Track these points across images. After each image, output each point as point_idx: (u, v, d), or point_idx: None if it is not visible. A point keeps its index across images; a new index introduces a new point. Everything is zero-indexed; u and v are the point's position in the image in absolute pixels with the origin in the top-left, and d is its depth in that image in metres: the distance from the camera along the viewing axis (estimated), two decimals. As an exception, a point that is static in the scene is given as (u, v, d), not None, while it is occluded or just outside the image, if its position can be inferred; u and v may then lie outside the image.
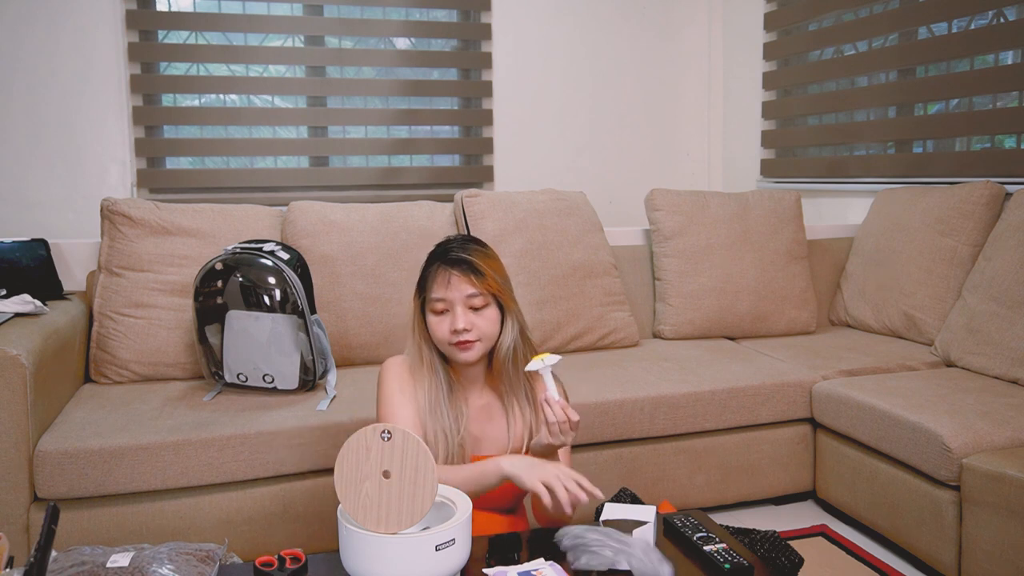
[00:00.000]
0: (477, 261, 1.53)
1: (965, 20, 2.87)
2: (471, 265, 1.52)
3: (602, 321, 2.74)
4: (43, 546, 1.09)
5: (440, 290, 1.53)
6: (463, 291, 1.51)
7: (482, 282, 1.52)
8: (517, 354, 1.59)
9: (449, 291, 1.52)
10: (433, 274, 1.54)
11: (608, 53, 3.95)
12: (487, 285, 1.52)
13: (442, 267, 1.53)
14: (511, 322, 1.58)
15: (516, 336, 1.58)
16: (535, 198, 2.81)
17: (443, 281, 1.52)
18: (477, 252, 1.56)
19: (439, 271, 1.53)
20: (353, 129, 3.68)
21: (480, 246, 1.59)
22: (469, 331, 1.51)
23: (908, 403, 2.11)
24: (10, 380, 1.82)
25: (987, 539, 1.82)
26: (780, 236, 2.96)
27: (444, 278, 1.52)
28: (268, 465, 2.00)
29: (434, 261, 1.56)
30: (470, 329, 1.51)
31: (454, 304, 1.52)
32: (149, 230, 2.43)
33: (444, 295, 1.52)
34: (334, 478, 1.22)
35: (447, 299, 1.52)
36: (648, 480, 2.33)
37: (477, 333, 1.52)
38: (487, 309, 1.54)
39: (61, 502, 1.86)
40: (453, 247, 1.56)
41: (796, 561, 1.55)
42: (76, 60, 3.25)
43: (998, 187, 2.63)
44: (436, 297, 1.53)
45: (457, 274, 1.51)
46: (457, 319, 1.51)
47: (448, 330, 1.52)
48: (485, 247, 1.60)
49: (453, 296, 1.52)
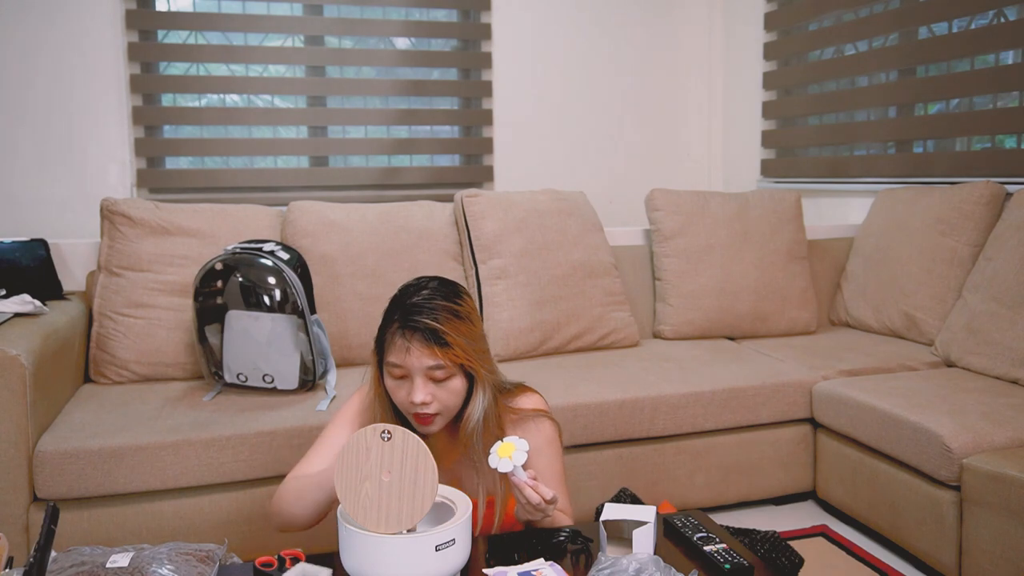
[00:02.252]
0: (442, 328, 1.35)
1: (965, 20, 2.87)
2: (435, 333, 1.34)
3: (602, 321, 2.73)
4: (43, 546, 1.09)
5: (399, 356, 1.36)
6: (423, 362, 1.35)
7: (445, 353, 1.35)
8: (488, 424, 1.43)
9: (408, 359, 1.35)
10: (391, 337, 1.37)
11: (608, 53, 3.95)
12: (452, 356, 1.35)
13: (400, 333, 1.36)
14: (481, 393, 1.42)
15: (487, 406, 1.43)
16: (535, 198, 2.81)
17: (402, 348, 1.35)
18: (444, 314, 1.36)
19: (398, 335, 1.36)
20: (353, 129, 3.68)
21: (452, 301, 1.39)
22: (428, 404, 1.37)
23: (908, 403, 2.11)
24: (10, 380, 1.82)
25: (987, 539, 1.82)
26: (780, 236, 2.96)
27: (403, 345, 1.35)
28: (268, 465, 2.00)
29: (393, 318, 1.38)
30: (429, 402, 1.37)
31: (413, 374, 1.36)
32: (149, 230, 2.43)
33: (402, 363, 1.36)
34: (334, 478, 1.22)
35: (405, 367, 1.36)
36: (648, 480, 2.33)
37: (438, 406, 1.38)
38: (451, 381, 1.38)
39: (61, 502, 1.86)
40: (417, 305, 1.37)
41: (796, 561, 1.55)
42: (76, 60, 3.25)
43: (998, 187, 2.63)
44: (393, 363, 1.37)
45: (417, 344, 1.34)
46: (416, 391, 1.36)
47: (406, 399, 1.38)
48: (458, 302, 1.40)
49: (411, 365, 1.35)
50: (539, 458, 1.50)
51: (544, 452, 1.51)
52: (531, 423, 1.51)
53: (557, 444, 1.54)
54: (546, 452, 1.52)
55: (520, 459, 1.31)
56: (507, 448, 1.32)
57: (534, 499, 1.32)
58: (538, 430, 1.51)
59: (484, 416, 1.43)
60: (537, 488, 1.32)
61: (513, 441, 1.33)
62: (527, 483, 1.32)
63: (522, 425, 1.51)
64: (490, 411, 1.44)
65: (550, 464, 1.52)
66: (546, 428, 1.53)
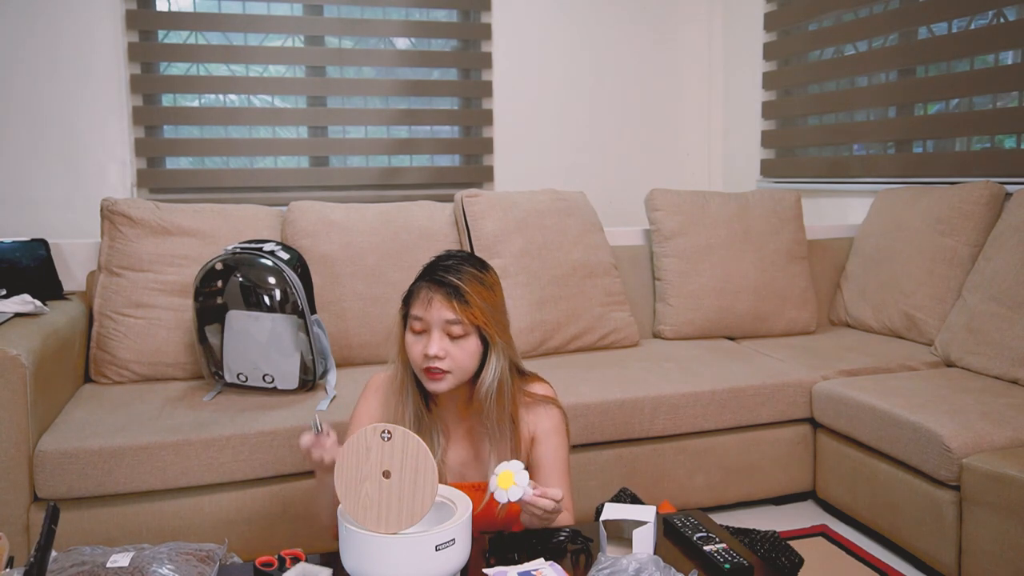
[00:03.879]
0: (465, 287, 1.42)
1: (965, 20, 2.87)
2: (457, 290, 1.41)
3: (602, 321, 2.73)
4: (43, 546, 1.09)
5: (420, 308, 1.43)
6: (442, 315, 1.41)
7: (465, 310, 1.41)
8: (503, 392, 1.47)
9: (429, 312, 1.42)
10: (418, 290, 1.45)
11: (608, 53, 3.95)
12: (470, 314, 1.41)
13: (426, 286, 1.44)
14: (496, 357, 1.46)
15: (501, 374, 1.46)
16: (535, 198, 2.81)
17: (424, 300, 1.43)
18: (470, 276, 1.44)
19: (423, 288, 1.44)
20: (353, 129, 3.68)
21: (479, 269, 1.48)
22: (442, 359, 1.41)
23: (908, 403, 2.11)
24: (10, 380, 1.82)
25: (987, 539, 1.82)
26: (780, 236, 2.96)
27: (426, 297, 1.42)
28: (268, 465, 2.00)
29: (423, 276, 1.47)
30: (443, 357, 1.41)
31: (431, 327, 1.42)
32: (149, 230, 2.43)
33: (423, 315, 1.42)
34: (334, 478, 1.22)
35: (425, 320, 1.42)
36: (648, 480, 2.33)
37: (450, 363, 1.42)
38: (466, 340, 1.43)
39: (61, 502, 1.86)
40: (446, 266, 1.46)
41: (796, 561, 1.55)
42: (76, 60, 3.25)
43: (998, 187, 2.63)
44: (415, 315, 1.44)
45: (440, 297, 1.41)
46: (431, 343, 1.41)
47: (421, 352, 1.43)
48: (484, 271, 1.48)
49: (431, 318, 1.42)
50: (546, 443, 1.54)
51: (551, 438, 1.55)
52: (541, 408, 1.55)
53: (564, 433, 1.57)
54: (553, 439, 1.55)
55: (524, 480, 1.32)
56: (507, 477, 1.33)
57: (548, 506, 1.33)
58: (547, 415, 1.55)
59: (498, 385, 1.46)
60: (546, 494, 1.34)
61: (508, 467, 1.34)
62: (536, 496, 1.33)
63: (533, 409, 1.55)
64: (504, 382, 1.47)
65: (555, 451, 1.55)
66: (555, 415, 1.56)
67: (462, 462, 1.55)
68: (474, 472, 1.54)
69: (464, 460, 1.55)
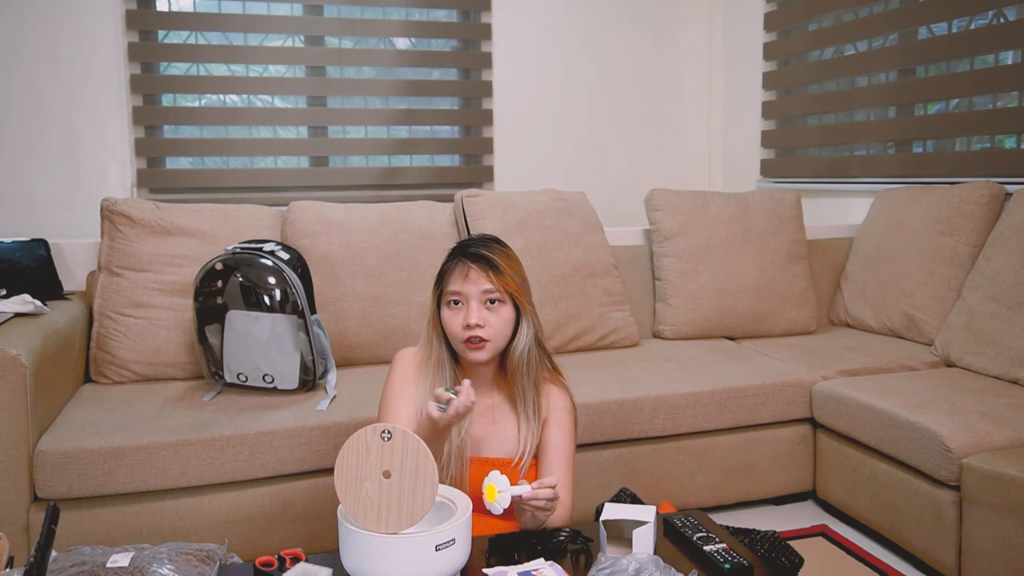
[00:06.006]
0: (497, 259, 1.54)
1: (965, 20, 2.87)
2: (490, 262, 1.53)
3: (602, 321, 2.73)
4: (43, 546, 1.09)
5: (457, 283, 1.53)
6: (480, 286, 1.51)
7: (500, 279, 1.52)
8: (531, 358, 1.58)
9: (466, 285, 1.52)
10: (452, 267, 1.55)
11: (608, 53, 3.95)
12: (504, 283, 1.52)
13: (461, 261, 1.54)
14: (527, 324, 1.57)
15: (531, 340, 1.57)
16: (535, 198, 2.81)
17: (461, 275, 1.53)
18: (498, 250, 1.57)
19: (458, 264, 1.54)
20: (353, 129, 3.68)
21: (502, 246, 1.60)
22: (482, 327, 1.51)
23: (908, 403, 2.11)
24: (10, 380, 1.82)
25: (987, 539, 1.82)
26: (780, 236, 2.96)
27: (462, 271, 1.52)
28: (268, 465, 2.00)
29: (455, 255, 1.57)
30: (483, 325, 1.51)
31: (469, 299, 1.52)
32: (149, 230, 2.43)
33: (461, 288, 1.52)
34: (334, 478, 1.22)
35: (463, 293, 1.52)
36: (648, 480, 2.33)
37: (490, 332, 1.52)
38: (502, 308, 1.53)
39: (61, 502, 1.86)
40: (475, 243, 1.58)
41: (796, 561, 1.55)
42: (76, 60, 3.25)
43: (998, 187, 2.63)
44: (452, 290, 1.53)
45: (476, 268, 1.52)
46: (471, 313, 1.50)
47: (461, 324, 1.52)
48: (506, 248, 1.60)
49: (469, 291, 1.51)
50: (555, 425, 1.60)
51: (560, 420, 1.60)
52: (555, 389, 1.63)
53: (571, 417, 1.64)
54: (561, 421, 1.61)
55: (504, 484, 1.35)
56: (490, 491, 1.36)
57: (548, 494, 1.36)
58: (559, 396, 1.63)
59: (528, 351, 1.56)
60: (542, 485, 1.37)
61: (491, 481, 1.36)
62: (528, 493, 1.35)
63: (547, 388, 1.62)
64: (532, 349, 1.57)
65: (562, 432, 1.60)
66: (566, 397, 1.64)
67: (481, 437, 1.59)
68: (491, 448, 1.59)
69: (483, 435, 1.59)
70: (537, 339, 1.59)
